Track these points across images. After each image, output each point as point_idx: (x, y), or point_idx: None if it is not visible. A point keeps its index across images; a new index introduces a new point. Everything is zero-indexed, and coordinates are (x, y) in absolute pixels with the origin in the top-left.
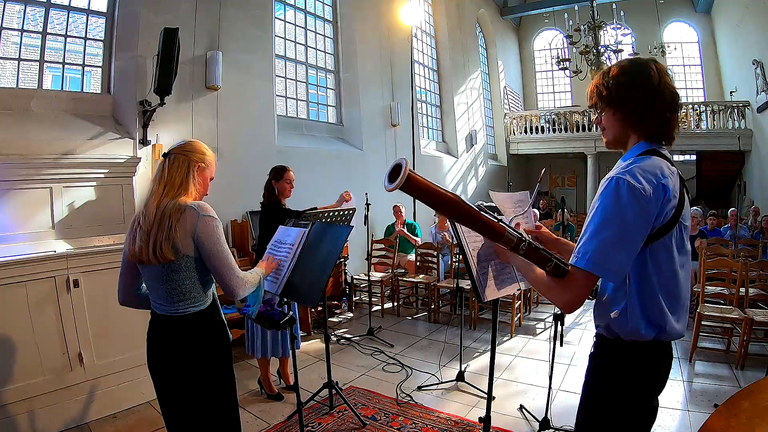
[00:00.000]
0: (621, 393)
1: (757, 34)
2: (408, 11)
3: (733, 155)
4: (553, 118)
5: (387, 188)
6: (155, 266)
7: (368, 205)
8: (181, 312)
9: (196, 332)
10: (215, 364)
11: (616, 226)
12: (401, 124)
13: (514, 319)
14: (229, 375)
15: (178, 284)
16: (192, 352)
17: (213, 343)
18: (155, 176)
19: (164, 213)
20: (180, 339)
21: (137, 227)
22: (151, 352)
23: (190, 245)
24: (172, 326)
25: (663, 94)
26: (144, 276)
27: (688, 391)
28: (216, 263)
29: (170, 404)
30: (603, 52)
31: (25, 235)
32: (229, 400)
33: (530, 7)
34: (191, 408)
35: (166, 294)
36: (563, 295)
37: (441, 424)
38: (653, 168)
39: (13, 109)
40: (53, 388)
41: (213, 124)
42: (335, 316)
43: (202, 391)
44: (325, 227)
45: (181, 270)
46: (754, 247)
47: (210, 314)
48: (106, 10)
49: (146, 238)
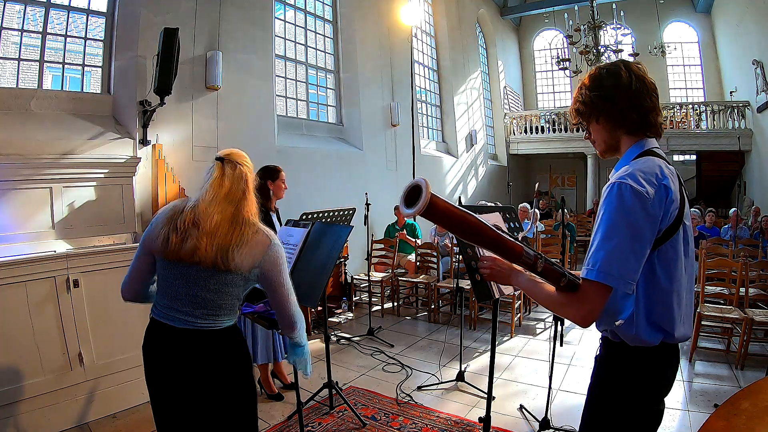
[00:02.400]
0: (626, 396)
1: (757, 34)
2: (408, 11)
3: (733, 155)
4: (553, 118)
5: (405, 214)
6: (200, 269)
7: (368, 205)
8: (211, 326)
9: (230, 347)
10: (247, 380)
11: (622, 232)
12: (401, 124)
13: (514, 319)
14: (255, 391)
15: (220, 295)
16: (227, 368)
17: (244, 358)
18: (211, 179)
19: (237, 222)
20: (213, 354)
21: (183, 225)
22: (165, 368)
23: (249, 266)
24: (199, 341)
25: (638, 89)
26: (169, 277)
27: (688, 391)
28: (281, 294)
29: (185, 423)
30: (603, 52)
31: (25, 235)
32: (254, 417)
33: (530, 7)
34: (217, 426)
35: (199, 302)
36: (578, 311)
37: (441, 424)
38: (652, 169)
39: (13, 109)
40: (53, 388)
41: (213, 124)
42: (335, 316)
43: (232, 409)
44: (326, 227)
45: (229, 284)
46: (754, 247)
47: (237, 330)
48: (106, 10)
49: (208, 239)
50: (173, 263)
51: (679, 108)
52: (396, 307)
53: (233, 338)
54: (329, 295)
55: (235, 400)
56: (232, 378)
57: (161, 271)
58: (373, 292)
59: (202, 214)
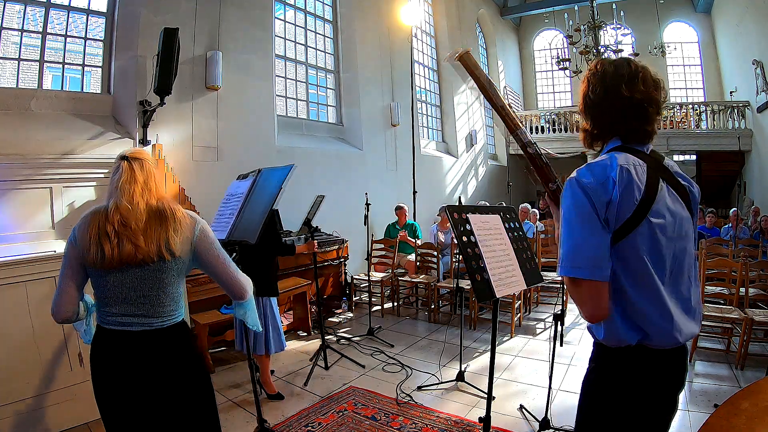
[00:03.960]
0: (608, 397)
1: (757, 34)
2: (408, 11)
3: (732, 155)
4: (553, 118)
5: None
6: (144, 268)
7: (368, 205)
8: (167, 323)
9: (183, 344)
10: (204, 375)
11: (577, 224)
12: (401, 124)
13: (514, 319)
14: (211, 386)
15: (164, 289)
16: (190, 360)
17: (197, 353)
18: (122, 179)
19: (162, 211)
20: (176, 350)
21: (113, 229)
22: (118, 375)
23: (187, 248)
24: (159, 339)
25: (631, 99)
26: (114, 285)
27: (688, 391)
28: (221, 265)
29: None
30: (603, 52)
31: (25, 235)
32: (214, 411)
33: (530, 7)
34: (181, 427)
35: (151, 300)
36: (582, 311)
37: (441, 424)
38: (604, 162)
39: (13, 109)
40: (53, 388)
41: (213, 124)
42: (335, 316)
43: (194, 407)
44: (270, 171)
45: (171, 272)
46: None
47: (186, 325)
48: (106, 10)
49: (144, 235)
50: (115, 270)
51: (679, 108)
52: (396, 307)
53: (187, 331)
54: (329, 295)
55: (200, 391)
56: (195, 368)
57: (101, 281)
58: (373, 292)
59: (128, 212)
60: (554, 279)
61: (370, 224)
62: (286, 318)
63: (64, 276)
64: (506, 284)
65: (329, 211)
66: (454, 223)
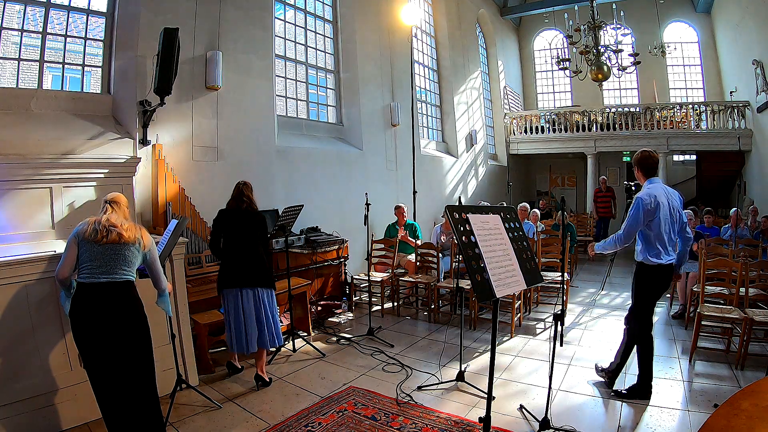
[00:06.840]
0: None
1: (757, 34)
2: (408, 11)
3: (732, 155)
4: (553, 118)
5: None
6: (118, 245)
7: (368, 205)
8: (124, 278)
9: (134, 293)
10: (142, 314)
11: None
12: (401, 124)
13: (514, 319)
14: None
15: (129, 258)
16: (136, 305)
17: (139, 300)
18: (108, 213)
19: (136, 225)
20: (125, 296)
21: (103, 227)
22: (94, 313)
23: (147, 246)
24: (116, 289)
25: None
26: (96, 253)
27: (688, 391)
28: (157, 266)
29: (115, 357)
30: (603, 52)
31: (25, 235)
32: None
33: (530, 7)
34: (138, 355)
35: (116, 263)
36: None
37: (441, 424)
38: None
39: (13, 109)
40: (53, 388)
41: (213, 124)
42: (335, 316)
43: (144, 339)
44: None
45: (135, 251)
46: (754, 247)
47: (133, 282)
48: (106, 10)
49: (126, 229)
50: (101, 245)
51: (679, 108)
52: (396, 307)
53: (133, 286)
54: (329, 295)
55: (145, 330)
56: (141, 312)
57: (90, 251)
58: (373, 292)
59: (113, 220)
60: (554, 279)
61: (370, 224)
62: (285, 318)
63: (68, 249)
64: (506, 284)
65: (329, 211)
66: (455, 222)
